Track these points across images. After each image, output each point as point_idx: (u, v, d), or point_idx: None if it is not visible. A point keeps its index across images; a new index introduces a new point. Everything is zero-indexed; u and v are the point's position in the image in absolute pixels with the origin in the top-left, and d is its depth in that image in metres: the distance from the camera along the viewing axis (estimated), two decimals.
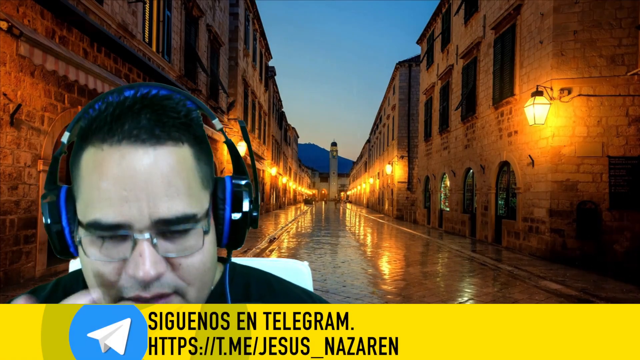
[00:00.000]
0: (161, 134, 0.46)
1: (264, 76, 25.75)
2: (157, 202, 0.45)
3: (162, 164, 0.46)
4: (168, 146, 0.47)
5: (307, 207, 50.75)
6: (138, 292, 0.46)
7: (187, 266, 0.48)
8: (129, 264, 0.45)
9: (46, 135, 5.99)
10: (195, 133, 0.50)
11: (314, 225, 20.67)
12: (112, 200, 0.45)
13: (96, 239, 0.46)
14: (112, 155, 0.45)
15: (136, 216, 0.45)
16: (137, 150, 0.45)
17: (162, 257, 0.46)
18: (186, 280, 0.48)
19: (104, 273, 0.46)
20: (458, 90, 14.79)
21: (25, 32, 4.88)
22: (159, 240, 0.46)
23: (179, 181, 0.47)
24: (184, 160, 0.48)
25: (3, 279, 5.24)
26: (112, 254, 0.46)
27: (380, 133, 36.86)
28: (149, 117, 0.46)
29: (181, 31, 11.57)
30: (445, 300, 5.87)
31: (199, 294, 0.51)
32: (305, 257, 9.55)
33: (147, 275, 0.45)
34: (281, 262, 0.78)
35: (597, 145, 8.54)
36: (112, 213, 0.45)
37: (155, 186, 0.45)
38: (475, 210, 13.13)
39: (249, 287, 0.61)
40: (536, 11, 9.40)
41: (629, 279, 6.97)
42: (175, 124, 0.47)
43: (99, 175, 0.45)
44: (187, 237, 0.48)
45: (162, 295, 0.47)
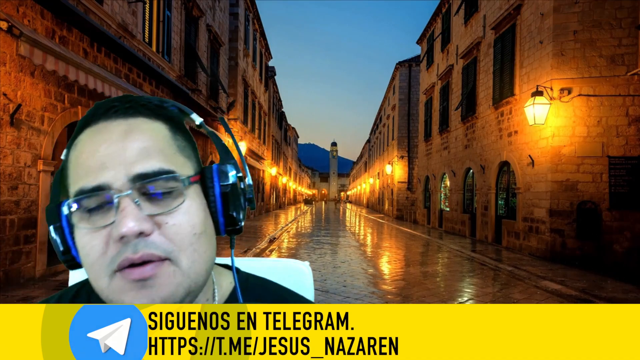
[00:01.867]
0: (131, 110, 0.51)
1: (264, 76, 25.75)
2: (133, 162, 0.48)
3: (134, 131, 0.50)
4: (141, 118, 0.51)
5: (307, 207, 50.75)
6: (126, 254, 0.46)
7: (173, 225, 0.48)
8: (114, 227, 0.46)
9: (46, 135, 5.99)
10: (168, 115, 0.54)
11: (314, 225, 20.67)
12: (91, 167, 0.48)
13: (84, 213, 0.48)
14: (90, 132, 0.51)
15: (114, 176, 0.47)
16: (112, 122, 0.50)
17: (147, 216, 0.47)
18: (175, 242, 0.48)
19: (92, 246, 0.47)
20: (458, 90, 14.79)
21: (25, 32, 4.88)
22: (142, 202, 0.47)
23: (153, 145, 0.50)
24: (158, 130, 0.51)
25: (3, 279, 5.24)
26: (99, 222, 0.47)
27: (380, 133, 36.86)
28: (122, 101, 0.52)
29: (181, 31, 11.56)
30: (445, 300, 5.87)
31: (194, 266, 0.49)
32: (305, 257, 9.55)
33: (131, 230, 0.45)
34: (282, 262, 0.78)
35: (597, 145, 8.54)
36: (92, 178, 0.47)
37: (129, 150, 0.48)
38: (475, 210, 13.13)
39: (260, 300, 0.60)
40: (536, 11, 9.40)
41: (629, 279, 6.97)
42: (147, 106, 0.52)
43: (80, 152, 0.50)
44: (170, 197, 0.49)
45: (151, 257, 0.46)
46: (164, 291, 0.47)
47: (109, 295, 0.47)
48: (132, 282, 0.46)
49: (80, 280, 0.64)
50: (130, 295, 0.46)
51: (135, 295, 0.46)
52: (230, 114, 17.07)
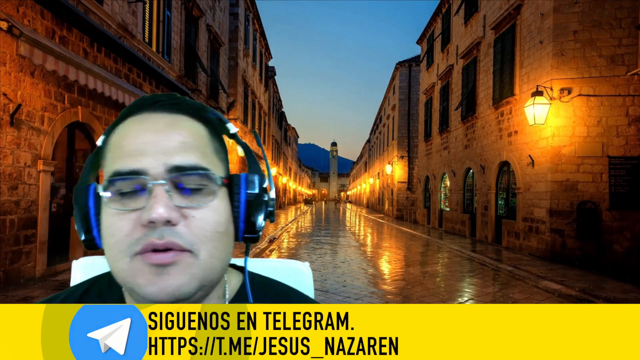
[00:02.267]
0: (177, 106, 0.54)
1: (264, 76, 25.75)
2: (173, 153, 0.50)
3: (177, 125, 0.52)
4: (184, 116, 0.54)
5: (307, 207, 50.74)
6: (151, 238, 0.47)
7: (200, 219, 0.50)
8: (144, 211, 0.48)
9: (46, 135, 5.99)
10: (208, 118, 0.56)
11: (313, 225, 20.67)
12: (131, 152, 0.50)
13: (116, 196, 0.50)
14: (134, 120, 0.53)
15: (152, 163, 0.49)
16: (157, 114, 0.53)
17: (176, 206, 0.49)
18: (198, 236, 0.49)
19: (120, 227, 0.48)
20: (458, 90, 14.79)
21: (25, 32, 4.87)
22: (174, 192, 0.49)
23: (193, 142, 0.52)
24: (198, 129, 0.54)
25: (3, 279, 5.24)
26: (130, 205, 0.49)
27: (380, 133, 36.86)
28: (168, 97, 0.55)
29: (181, 31, 11.56)
30: (445, 300, 5.87)
31: (212, 262, 0.51)
32: (305, 257, 9.55)
33: (161, 216, 0.47)
34: (282, 262, 0.78)
35: (597, 145, 8.54)
36: (130, 162, 0.49)
37: (171, 141, 0.51)
38: (475, 210, 13.13)
39: (267, 299, 0.61)
40: (536, 11, 9.39)
41: (629, 279, 6.97)
42: (191, 106, 0.55)
43: (121, 138, 0.52)
44: (201, 194, 0.51)
45: (174, 246, 0.48)
46: (179, 280, 0.48)
47: (126, 277, 0.49)
48: (150, 267, 0.47)
49: (81, 280, 0.64)
50: (146, 278, 0.47)
51: (150, 279, 0.47)
52: (230, 114, 17.06)
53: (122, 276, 0.49)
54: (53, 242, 6.29)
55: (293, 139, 54.66)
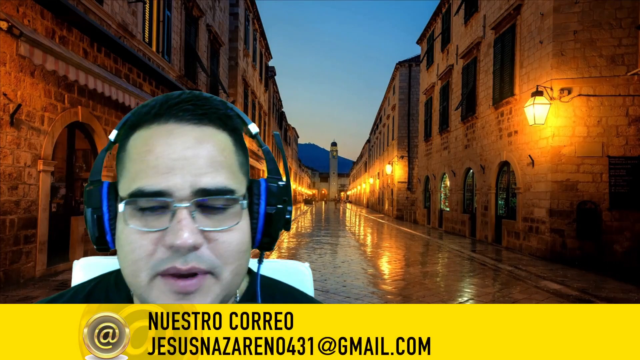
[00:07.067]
0: (204, 117, 0.50)
1: (264, 76, 25.75)
2: (201, 173, 0.47)
3: (207, 141, 0.49)
4: (211, 127, 0.50)
5: (307, 207, 50.74)
6: (174, 263, 0.46)
7: (223, 242, 0.48)
8: (167, 234, 0.46)
9: (46, 135, 5.99)
10: (234, 125, 0.53)
11: (313, 225, 20.67)
12: (157, 169, 0.47)
13: (136, 212, 0.47)
14: (160, 131, 0.49)
15: (178, 184, 0.46)
16: (184, 126, 0.49)
17: (200, 230, 0.47)
18: (222, 258, 0.48)
19: (141, 245, 0.47)
20: (458, 90, 14.79)
21: (25, 32, 4.88)
22: (197, 214, 0.47)
23: (222, 158, 0.50)
24: (226, 142, 0.51)
25: (3, 279, 5.24)
26: (152, 224, 0.47)
27: (380, 133, 36.86)
28: (194, 104, 0.50)
29: (181, 31, 11.56)
30: (445, 300, 5.87)
31: (233, 279, 0.50)
32: (305, 257, 9.55)
33: (185, 243, 0.45)
34: (282, 263, 0.78)
35: (597, 145, 8.54)
36: (155, 181, 0.46)
37: (200, 159, 0.48)
38: (475, 210, 13.13)
39: (273, 299, 0.61)
40: (536, 11, 9.39)
41: (629, 279, 6.97)
42: (217, 113, 0.51)
43: (147, 149, 0.48)
44: (225, 214, 0.49)
45: (198, 271, 0.47)
46: (201, 302, 0.48)
47: (144, 293, 0.48)
48: (173, 293, 0.47)
49: (82, 280, 0.63)
50: (167, 300, 0.47)
51: (171, 301, 0.47)
52: None
53: (139, 291, 0.48)
54: (53, 242, 6.29)
55: (293, 139, 54.66)
